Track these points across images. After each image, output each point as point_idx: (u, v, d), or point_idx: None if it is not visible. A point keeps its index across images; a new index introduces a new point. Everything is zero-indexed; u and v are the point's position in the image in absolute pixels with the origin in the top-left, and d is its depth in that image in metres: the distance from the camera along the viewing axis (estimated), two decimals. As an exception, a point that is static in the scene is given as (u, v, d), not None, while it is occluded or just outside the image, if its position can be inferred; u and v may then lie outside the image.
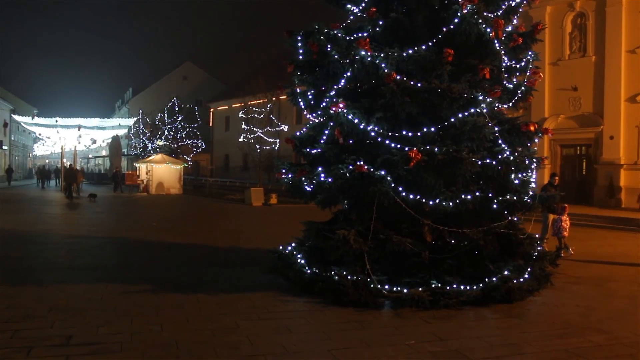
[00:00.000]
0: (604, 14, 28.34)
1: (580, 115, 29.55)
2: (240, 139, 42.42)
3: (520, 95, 10.18)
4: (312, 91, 10.13)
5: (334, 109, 8.76)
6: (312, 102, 10.08)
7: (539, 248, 9.66)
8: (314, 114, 10.16)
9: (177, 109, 58.31)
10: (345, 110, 8.69)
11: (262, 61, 58.83)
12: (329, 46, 9.31)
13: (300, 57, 9.90)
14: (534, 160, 9.59)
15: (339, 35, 9.37)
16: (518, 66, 10.18)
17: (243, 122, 42.57)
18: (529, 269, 8.94)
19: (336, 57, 9.24)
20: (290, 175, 9.78)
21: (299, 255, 9.60)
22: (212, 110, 70.76)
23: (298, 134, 10.26)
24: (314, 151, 9.58)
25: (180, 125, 57.86)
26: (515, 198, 8.86)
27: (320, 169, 9.11)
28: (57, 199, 34.98)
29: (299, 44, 9.80)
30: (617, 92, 27.90)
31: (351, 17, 10.21)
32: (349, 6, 10.20)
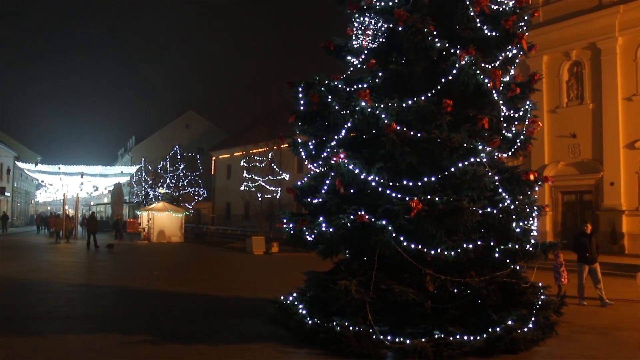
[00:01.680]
0: (600, 63, 28.79)
1: (580, 161, 29.70)
2: (242, 188, 42.52)
3: (519, 144, 10.30)
4: (313, 141, 10.24)
5: (334, 159, 8.85)
6: (313, 152, 10.17)
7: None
8: (315, 164, 10.24)
9: (179, 157, 58.62)
10: (346, 161, 8.78)
11: (263, 110, 59.38)
12: (329, 97, 9.47)
13: (302, 108, 10.06)
14: (535, 208, 9.62)
15: (340, 86, 9.54)
16: (516, 115, 10.30)
17: (244, 171, 42.75)
18: (533, 319, 8.87)
19: (337, 107, 9.38)
20: (291, 225, 9.80)
21: (300, 306, 9.53)
22: (214, 158, 71.19)
23: (299, 183, 10.32)
24: (315, 201, 9.62)
25: (182, 174, 58.04)
26: (517, 246, 8.86)
27: (321, 218, 9.14)
28: (56, 246, 34.88)
29: (300, 95, 9.96)
30: (616, 138, 28.11)
31: (351, 69, 10.41)
32: (349, 58, 10.40)
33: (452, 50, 9.22)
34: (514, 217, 8.94)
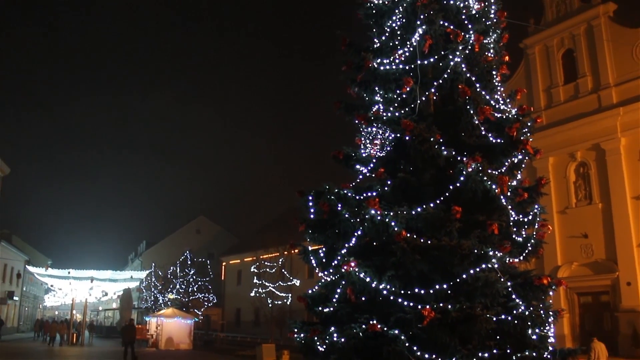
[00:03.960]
0: (605, 163, 29.06)
1: (594, 262, 29.30)
2: (252, 294, 42.07)
3: (530, 248, 10.29)
4: (324, 249, 10.28)
5: (345, 267, 8.85)
6: (324, 260, 10.19)
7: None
8: (325, 272, 10.23)
9: (189, 262, 58.45)
10: (356, 269, 8.78)
11: (274, 215, 59.77)
12: (339, 205, 9.60)
13: (312, 216, 10.17)
14: (551, 313, 9.47)
15: (349, 194, 9.70)
16: (526, 220, 10.37)
17: (255, 277, 42.46)
18: None
19: (347, 216, 9.49)
20: (302, 335, 9.66)
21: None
22: (224, 263, 70.80)
23: (310, 292, 10.28)
24: (326, 310, 9.55)
25: (192, 279, 57.66)
26: (534, 354, 8.66)
27: (332, 328, 9.02)
28: (50, 351, 34.27)
29: (310, 203, 10.10)
30: (628, 238, 27.87)
31: (360, 177, 10.61)
32: (358, 166, 10.64)
33: (459, 158, 9.43)
34: (529, 323, 8.79)
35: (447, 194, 9.31)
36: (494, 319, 8.43)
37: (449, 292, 8.83)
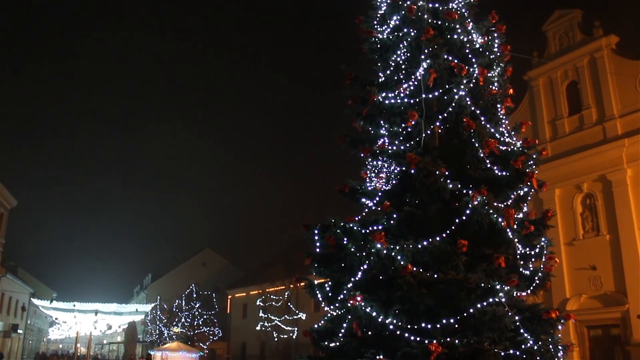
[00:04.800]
0: (612, 194, 28.96)
1: (603, 294, 28.97)
2: (258, 327, 41.75)
3: (538, 281, 10.22)
4: (330, 283, 10.24)
5: (351, 301, 8.79)
6: (330, 294, 10.15)
7: None
8: (331, 306, 10.17)
9: (195, 295, 58.21)
10: (362, 304, 8.72)
11: (280, 248, 59.56)
12: (345, 239, 9.59)
13: (317, 250, 10.15)
14: (560, 348, 9.36)
15: (355, 228, 9.69)
16: (533, 253, 10.31)
17: (261, 310, 42.20)
18: None
19: (352, 250, 9.47)
20: (308, 370, 9.56)
21: None
22: (229, 297, 70.39)
23: (316, 326, 10.20)
24: (332, 344, 9.46)
25: (197, 312, 57.34)
26: (544, 390, 8.52)
27: (339, 364, 8.93)
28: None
29: (316, 237, 10.10)
30: (637, 269, 27.57)
31: (366, 210, 10.60)
32: (363, 200, 10.65)
33: (465, 191, 9.42)
34: (538, 358, 8.68)
35: (453, 227, 9.29)
36: (502, 353, 8.33)
37: (456, 326, 8.74)
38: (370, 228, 9.65)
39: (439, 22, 11.17)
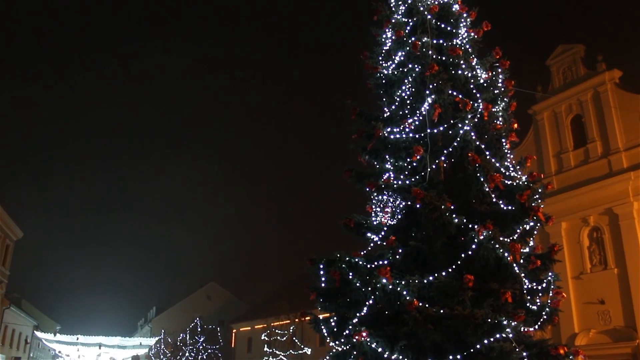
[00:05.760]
0: (619, 228, 28.80)
1: (612, 329, 28.61)
2: (263, 362, 41.36)
3: (545, 317, 10.15)
4: (335, 318, 10.19)
5: (357, 337, 8.74)
6: (335, 330, 10.09)
7: None
8: (337, 342, 10.09)
9: (199, 329, 57.80)
10: (368, 339, 8.68)
11: (285, 282, 59.34)
12: (350, 274, 9.57)
13: (323, 285, 10.12)
14: (568, 385, 9.23)
15: (360, 263, 9.67)
16: (540, 287, 10.24)
17: (266, 345, 41.84)
18: None
19: (358, 284, 9.45)
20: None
21: None
22: (234, 330, 69.85)
23: (321, 363, 10.11)
24: (338, 380, 9.36)
25: (202, 346, 56.87)
26: None
27: (344, 401, 8.83)
28: None
29: (321, 272, 10.07)
30: (646, 304, 27.32)
31: (371, 245, 10.60)
32: (369, 235, 10.65)
33: (470, 226, 9.42)
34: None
35: (459, 262, 9.27)
36: (510, 390, 8.23)
37: (463, 362, 8.66)
38: (375, 263, 9.64)
39: (444, 58, 11.32)
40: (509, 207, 10.06)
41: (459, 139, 10.27)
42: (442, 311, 8.66)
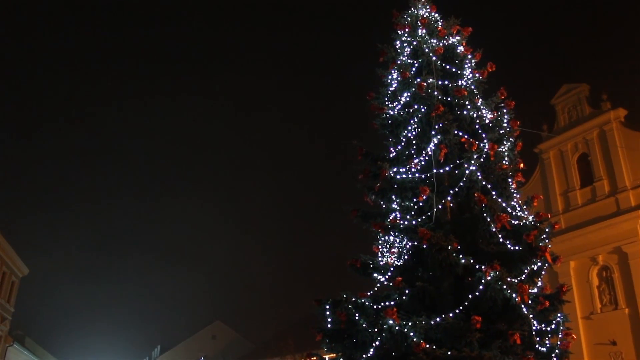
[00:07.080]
0: (628, 267, 28.50)
1: (625, 371, 28.12)
2: (268, 402, 40.69)
3: (555, 358, 9.97)
4: (341, 359, 10.06)
5: (364, 379, 8.63)
6: (342, 371, 9.96)
7: None
8: (344, 384, 9.97)
9: (204, 369, 57.09)
10: (375, 382, 8.55)
11: (291, 322, 58.68)
12: (357, 315, 9.50)
13: (329, 325, 10.04)
14: None
15: (367, 304, 9.62)
16: (549, 329, 10.11)
17: (271, 385, 41.27)
18: None
19: (364, 326, 9.38)
20: None
21: None
22: (240, 370, 68.98)
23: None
24: None
25: (207, 389, 56.09)
26: None
27: None
28: None
29: (328, 312, 10.00)
30: (659, 345, 26.85)
31: (378, 286, 10.54)
32: (375, 275, 10.60)
33: (477, 266, 9.39)
34: None
35: (466, 303, 9.20)
36: None
37: (472, 406, 8.52)
38: (382, 304, 9.59)
39: (449, 99, 11.42)
40: (516, 247, 10.01)
41: (465, 179, 10.30)
42: (449, 353, 8.57)
